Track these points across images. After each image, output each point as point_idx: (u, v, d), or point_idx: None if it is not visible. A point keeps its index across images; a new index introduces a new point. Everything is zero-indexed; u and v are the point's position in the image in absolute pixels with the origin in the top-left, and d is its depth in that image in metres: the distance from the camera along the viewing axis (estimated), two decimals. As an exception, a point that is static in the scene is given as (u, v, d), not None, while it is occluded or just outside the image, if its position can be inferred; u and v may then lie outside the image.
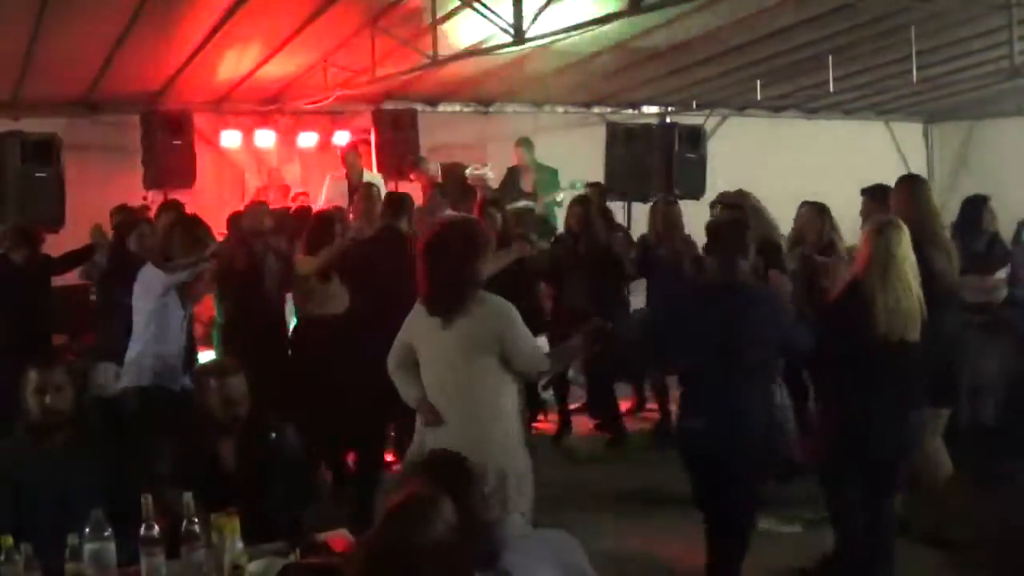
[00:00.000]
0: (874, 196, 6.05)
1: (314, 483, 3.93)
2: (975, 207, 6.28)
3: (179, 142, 8.88)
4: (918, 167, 13.98)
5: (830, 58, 9.44)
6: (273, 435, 3.85)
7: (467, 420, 3.86)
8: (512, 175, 9.50)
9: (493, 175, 9.38)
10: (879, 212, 5.29)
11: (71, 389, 3.74)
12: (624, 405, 8.12)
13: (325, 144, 10.19)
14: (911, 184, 5.49)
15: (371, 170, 9.68)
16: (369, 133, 10.00)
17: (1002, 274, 6.10)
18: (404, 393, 4.11)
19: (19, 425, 3.73)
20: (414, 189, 9.73)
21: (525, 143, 9.54)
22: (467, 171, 9.24)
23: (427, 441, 3.94)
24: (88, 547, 3.01)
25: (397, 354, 4.13)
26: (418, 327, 4.02)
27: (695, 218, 7.43)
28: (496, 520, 2.62)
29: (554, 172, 9.48)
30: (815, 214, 6.58)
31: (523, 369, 3.95)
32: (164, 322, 5.68)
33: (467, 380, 3.88)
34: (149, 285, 5.68)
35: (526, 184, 9.35)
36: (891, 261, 4.40)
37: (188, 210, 7.63)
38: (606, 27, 7.31)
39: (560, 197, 9.27)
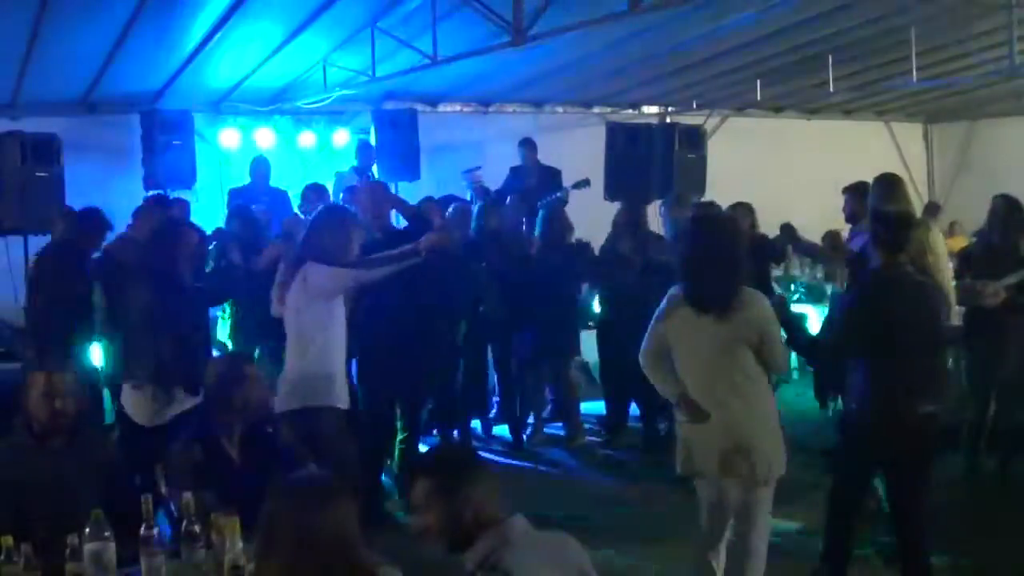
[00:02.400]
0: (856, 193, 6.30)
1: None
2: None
3: (179, 142, 8.88)
4: (918, 167, 14.00)
5: (830, 58, 9.44)
6: (269, 428, 3.89)
7: (738, 414, 3.96)
8: (514, 175, 9.49)
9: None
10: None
11: (77, 395, 3.75)
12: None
13: (325, 144, 10.19)
14: (892, 182, 5.69)
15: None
16: (369, 133, 10.00)
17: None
18: (661, 387, 4.14)
19: (19, 425, 3.73)
20: (414, 188, 9.74)
21: (528, 144, 9.54)
22: (464, 172, 9.25)
23: (692, 437, 4.04)
24: (88, 547, 3.01)
25: (654, 346, 4.13)
26: (678, 321, 4.02)
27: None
28: (500, 520, 2.61)
29: (556, 173, 9.48)
30: (747, 213, 7.22)
31: (772, 366, 4.02)
32: (338, 329, 4.95)
33: (736, 374, 3.96)
34: (319, 286, 4.86)
35: (529, 184, 9.33)
36: None
37: (189, 210, 7.66)
38: (606, 27, 7.31)
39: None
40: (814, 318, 8.78)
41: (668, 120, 11.71)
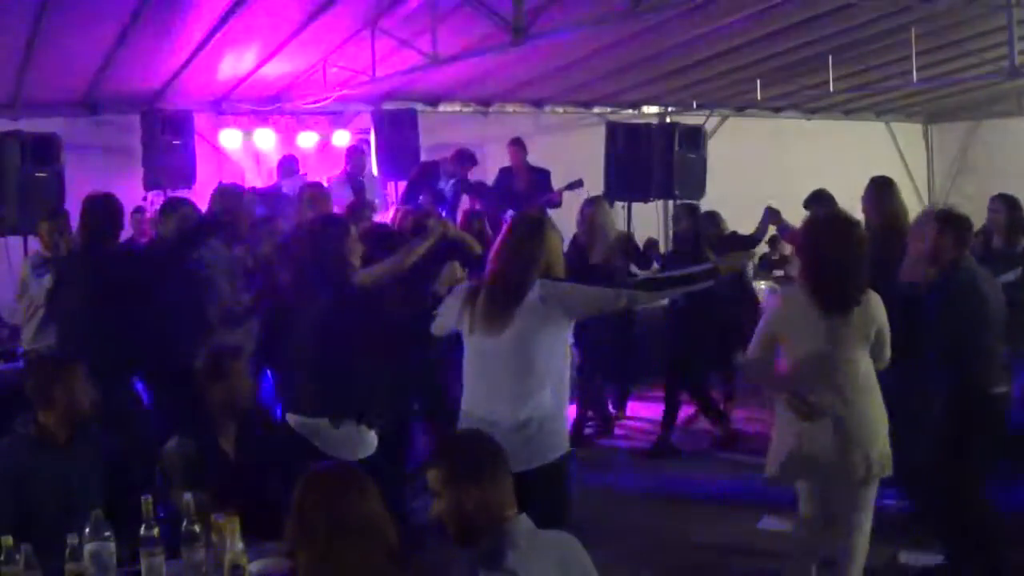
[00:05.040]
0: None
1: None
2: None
3: (179, 142, 8.87)
4: (918, 167, 14.03)
5: (830, 58, 9.45)
6: (265, 427, 3.90)
7: (861, 411, 3.96)
8: (505, 176, 9.48)
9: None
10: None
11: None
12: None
13: (325, 144, 10.19)
14: (884, 185, 5.78)
15: (371, 170, 9.71)
16: (369, 133, 10.00)
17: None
18: (774, 385, 4.11)
19: (21, 422, 3.73)
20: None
21: (519, 144, 9.53)
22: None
23: (807, 433, 3.93)
24: (88, 547, 3.01)
25: (767, 348, 4.07)
26: (799, 321, 3.99)
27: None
28: (505, 518, 2.62)
29: (546, 174, 9.47)
30: (688, 213, 7.71)
31: (881, 359, 4.09)
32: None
33: (859, 370, 3.98)
34: (565, 306, 3.85)
35: (519, 185, 9.33)
36: None
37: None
38: (606, 27, 7.32)
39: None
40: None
41: (668, 120, 11.72)
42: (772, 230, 7.37)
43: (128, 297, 5.14)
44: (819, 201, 6.69)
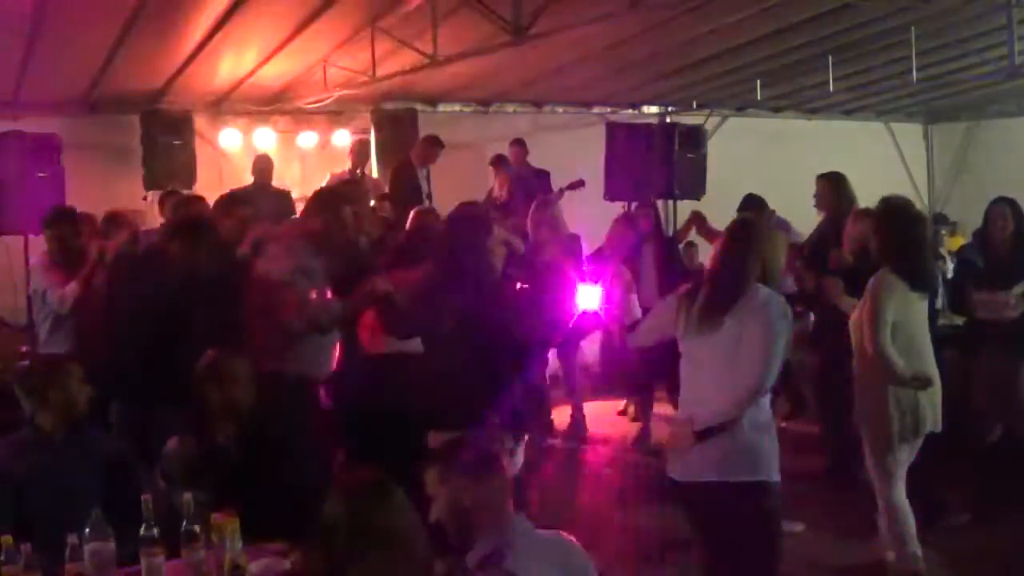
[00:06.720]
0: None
1: (313, 471, 3.95)
2: (987, 211, 6.18)
3: (179, 142, 8.89)
4: (918, 167, 14.02)
5: (830, 58, 9.44)
6: (269, 422, 3.90)
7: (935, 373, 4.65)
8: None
9: None
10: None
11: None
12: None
13: (325, 144, 10.19)
14: (836, 181, 6.63)
15: (371, 171, 9.72)
16: (369, 133, 10.00)
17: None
18: (900, 368, 4.48)
19: (25, 421, 3.74)
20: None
21: (519, 144, 9.53)
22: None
23: (926, 402, 4.53)
24: (88, 547, 3.01)
25: (889, 332, 4.46)
26: (899, 301, 4.50)
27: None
28: (502, 520, 2.62)
29: (546, 174, 9.47)
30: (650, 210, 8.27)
31: None
32: None
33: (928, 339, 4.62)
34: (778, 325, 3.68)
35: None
36: None
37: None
38: (606, 27, 7.31)
39: None
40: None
41: (668, 120, 11.71)
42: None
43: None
44: (752, 205, 7.60)
